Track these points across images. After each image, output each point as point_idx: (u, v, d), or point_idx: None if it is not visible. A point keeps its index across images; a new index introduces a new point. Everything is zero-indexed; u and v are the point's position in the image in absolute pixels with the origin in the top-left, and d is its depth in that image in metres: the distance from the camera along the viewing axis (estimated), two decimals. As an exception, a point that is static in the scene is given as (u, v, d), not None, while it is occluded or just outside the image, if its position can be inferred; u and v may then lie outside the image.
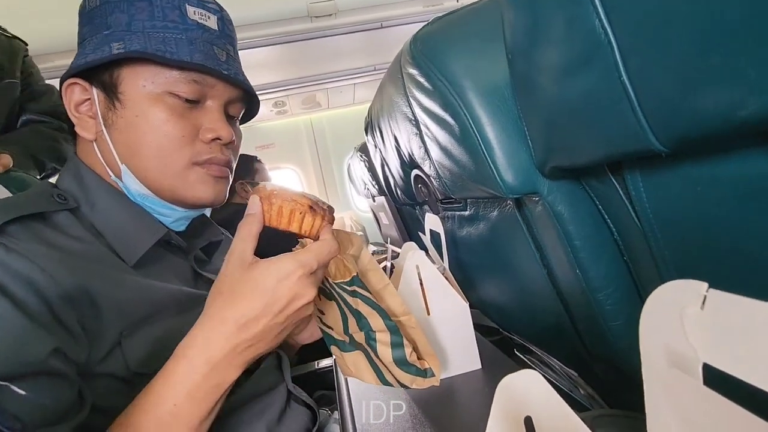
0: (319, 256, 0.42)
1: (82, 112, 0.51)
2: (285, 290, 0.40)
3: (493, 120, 0.46)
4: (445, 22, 0.50)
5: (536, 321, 0.70)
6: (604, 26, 0.29)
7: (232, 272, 0.41)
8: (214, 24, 0.52)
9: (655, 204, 0.37)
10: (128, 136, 0.50)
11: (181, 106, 0.50)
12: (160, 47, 0.47)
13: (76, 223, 0.48)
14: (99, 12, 0.49)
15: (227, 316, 0.40)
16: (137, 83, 0.49)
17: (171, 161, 0.50)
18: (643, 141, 0.30)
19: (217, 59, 0.51)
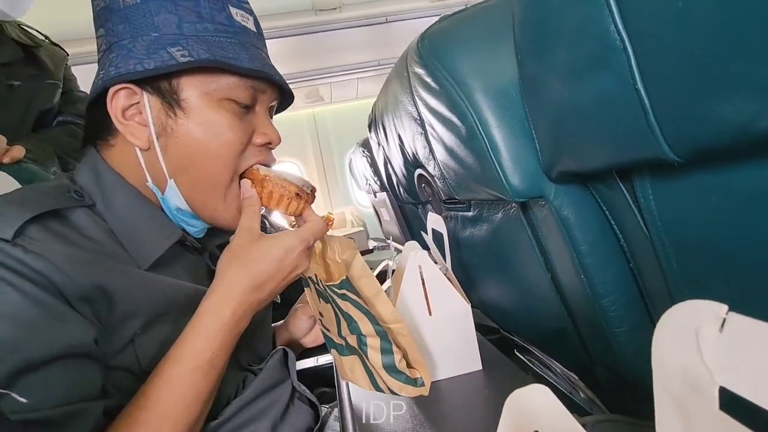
0: (315, 233, 0.51)
1: (129, 118, 0.49)
2: (291, 260, 0.48)
3: (501, 122, 0.45)
4: (453, 21, 0.49)
5: (538, 324, 0.70)
6: (619, 30, 0.28)
7: (243, 243, 0.48)
8: (253, 25, 0.52)
9: (664, 212, 0.36)
10: (187, 144, 0.49)
11: (240, 112, 0.50)
12: (225, 54, 0.47)
13: (92, 220, 0.48)
14: (139, 11, 0.46)
15: (245, 278, 0.46)
16: (200, 90, 0.48)
17: (223, 173, 0.51)
18: (655, 149, 0.29)
19: (268, 64, 0.52)
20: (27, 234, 0.41)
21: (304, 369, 0.97)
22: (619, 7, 0.27)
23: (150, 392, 0.43)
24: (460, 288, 0.73)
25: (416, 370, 0.51)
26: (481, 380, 0.67)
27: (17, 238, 0.40)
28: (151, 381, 0.43)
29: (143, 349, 0.46)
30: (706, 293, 0.37)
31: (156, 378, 0.43)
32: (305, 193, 0.52)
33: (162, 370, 0.44)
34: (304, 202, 0.52)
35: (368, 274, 0.55)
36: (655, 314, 0.46)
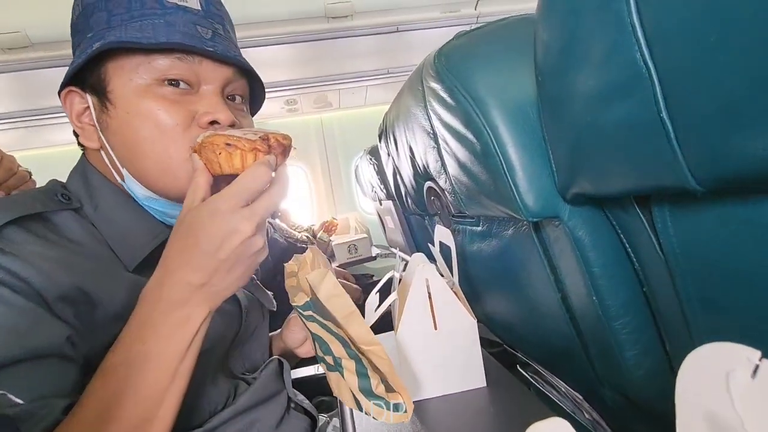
0: (242, 186, 0.40)
1: (84, 122, 0.50)
2: (215, 227, 0.39)
3: (517, 140, 0.45)
4: (471, 38, 0.49)
5: (544, 341, 0.69)
6: (645, 58, 0.28)
7: (179, 218, 0.42)
8: (196, 4, 0.50)
9: (683, 239, 0.36)
10: (123, 136, 0.48)
11: (173, 93, 0.48)
12: (136, 35, 0.45)
13: (78, 222, 0.48)
14: (81, 19, 0.48)
15: (172, 259, 0.41)
16: (124, 78, 0.47)
17: (169, 154, 0.48)
18: (678, 178, 0.29)
19: (200, 38, 0.48)
20: (5, 236, 0.41)
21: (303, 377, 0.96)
22: (645, 35, 0.27)
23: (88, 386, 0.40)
24: (467, 303, 0.72)
25: (397, 394, 0.47)
26: (485, 398, 0.66)
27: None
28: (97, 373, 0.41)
29: None
30: (724, 321, 0.36)
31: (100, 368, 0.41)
32: (244, 141, 0.42)
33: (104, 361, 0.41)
34: (251, 153, 0.42)
35: (340, 293, 0.49)
36: (667, 339, 0.45)
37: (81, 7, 0.49)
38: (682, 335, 0.41)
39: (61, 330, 0.40)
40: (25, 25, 1.45)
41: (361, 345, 0.48)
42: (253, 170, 0.40)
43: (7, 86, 1.75)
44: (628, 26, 0.28)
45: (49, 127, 2.18)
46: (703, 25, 0.24)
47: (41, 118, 2.04)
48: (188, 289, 0.40)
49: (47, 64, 1.59)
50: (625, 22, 0.28)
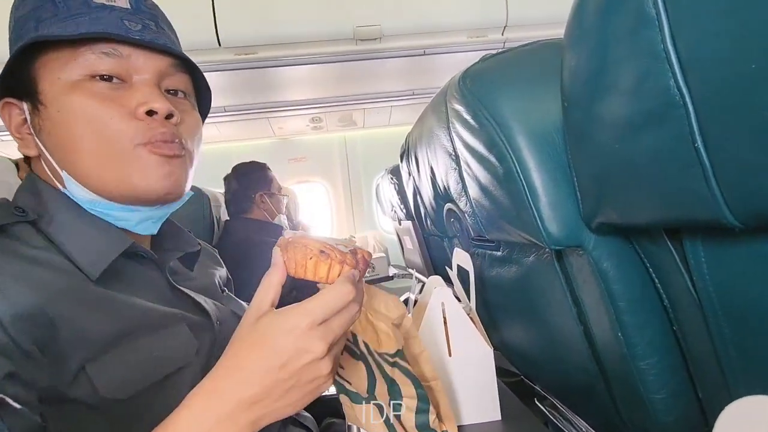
0: (325, 305, 0.37)
1: (23, 132, 0.49)
2: (287, 344, 0.36)
3: (541, 166, 0.43)
4: (496, 62, 0.49)
5: (564, 375, 0.66)
6: (679, 87, 0.26)
7: (245, 322, 0.39)
8: (125, 3, 0.48)
9: (718, 277, 0.34)
10: (57, 136, 0.46)
11: (105, 88, 0.46)
12: (57, 31, 0.44)
13: (36, 236, 0.45)
14: (14, 32, 0.48)
15: (232, 368, 0.37)
16: (51, 77, 0.45)
17: (109, 147, 0.45)
18: (714, 212, 0.27)
19: (126, 28, 0.46)
20: None
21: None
22: (680, 62, 0.26)
23: None
24: (483, 330, 0.70)
25: (443, 424, 0.51)
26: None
27: None
28: None
29: (100, 376, 0.42)
30: (762, 369, 0.34)
31: None
32: (336, 252, 0.41)
33: None
34: (338, 264, 0.41)
35: (416, 334, 0.55)
36: (699, 384, 0.42)
37: (13, 22, 0.48)
38: (716, 381, 0.38)
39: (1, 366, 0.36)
40: None
41: (427, 380, 0.52)
42: (340, 288, 0.38)
43: None
44: (662, 53, 0.27)
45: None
46: (743, 53, 0.23)
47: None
48: (239, 407, 0.36)
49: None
50: (658, 49, 0.27)
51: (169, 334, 0.49)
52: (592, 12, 0.31)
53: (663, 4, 0.26)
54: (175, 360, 0.48)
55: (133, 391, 0.44)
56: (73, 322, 0.41)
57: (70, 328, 0.41)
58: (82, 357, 0.41)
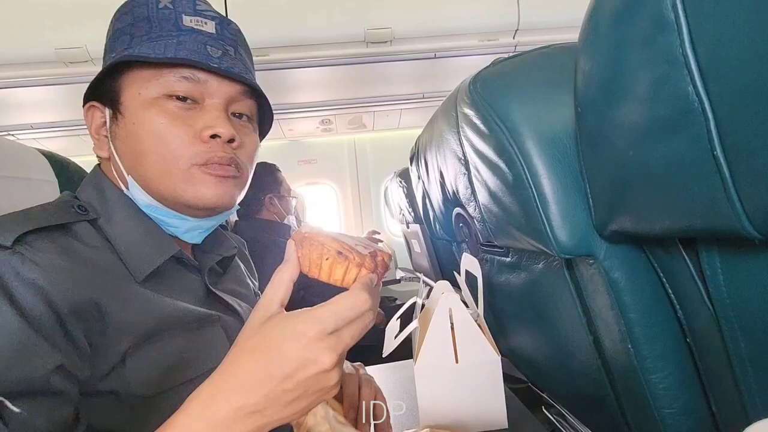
0: (338, 313, 0.34)
1: (101, 134, 0.53)
2: (293, 352, 0.33)
3: (551, 172, 0.43)
4: (507, 66, 0.48)
5: (572, 384, 0.65)
6: (698, 93, 0.26)
7: (251, 324, 0.36)
8: (211, 28, 0.52)
9: (734, 288, 0.32)
10: (129, 145, 0.50)
11: (177, 107, 0.50)
12: (146, 51, 0.48)
13: (94, 234, 0.49)
14: (110, 41, 0.52)
15: (232, 373, 0.35)
16: (133, 91, 0.50)
17: (170, 165, 0.49)
18: (732, 223, 0.26)
19: (207, 55, 0.50)
20: (27, 242, 0.41)
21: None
22: (700, 66, 0.25)
23: None
24: (491, 337, 0.69)
25: None
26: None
27: (16, 246, 0.40)
28: None
29: (133, 370, 0.44)
30: (780, 385, 0.32)
31: None
32: (355, 254, 0.38)
33: None
34: (355, 266, 0.38)
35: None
36: (714, 399, 0.41)
37: (111, 32, 0.53)
38: (732, 397, 0.37)
39: (52, 358, 0.38)
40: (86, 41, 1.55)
41: None
42: (355, 297, 0.35)
43: (66, 97, 1.88)
44: (680, 57, 0.26)
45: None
46: (766, 58, 0.22)
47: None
48: (236, 415, 0.34)
49: (104, 78, 1.70)
50: (677, 54, 0.26)
51: (203, 336, 0.52)
52: (608, 15, 0.30)
53: (682, 8, 0.25)
54: (204, 362, 0.50)
55: (159, 390, 0.46)
56: (118, 316, 0.44)
57: (116, 321, 0.44)
58: (122, 350, 0.44)
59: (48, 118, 2.06)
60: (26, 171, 0.80)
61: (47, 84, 1.72)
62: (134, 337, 0.45)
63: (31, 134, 2.13)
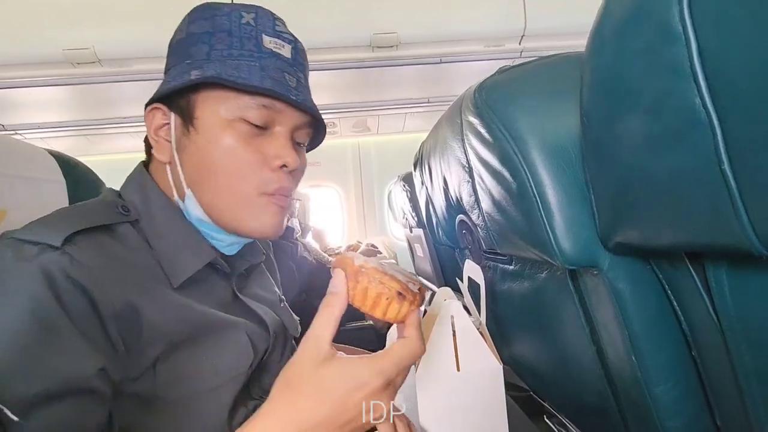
0: (400, 362, 0.36)
1: (160, 136, 0.52)
2: (356, 401, 0.35)
3: (556, 182, 0.42)
4: (513, 74, 0.48)
5: (575, 395, 0.64)
6: (706, 105, 0.25)
7: (303, 363, 0.36)
8: (288, 52, 0.53)
9: (742, 304, 0.32)
10: (199, 161, 0.50)
11: (250, 132, 0.50)
12: (233, 73, 0.48)
13: (135, 236, 0.49)
14: (184, 43, 0.51)
15: (289, 416, 0.35)
16: (211, 109, 0.49)
17: (239, 189, 0.50)
18: (740, 239, 0.26)
19: (287, 86, 0.51)
20: (75, 243, 0.41)
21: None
22: (708, 80, 0.25)
23: None
24: (493, 345, 0.68)
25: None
26: (507, 452, 0.62)
27: (66, 246, 0.40)
28: None
29: (162, 375, 0.45)
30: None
31: None
32: (411, 293, 0.39)
33: None
34: (408, 304, 0.38)
35: None
36: (718, 413, 0.40)
37: (184, 33, 0.51)
38: (736, 411, 0.36)
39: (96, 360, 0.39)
40: (93, 42, 1.57)
41: None
42: (413, 347, 0.37)
43: (74, 97, 1.89)
44: (687, 70, 0.26)
45: (107, 136, 2.33)
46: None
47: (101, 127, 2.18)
48: None
49: (111, 79, 1.71)
50: (684, 66, 0.26)
51: (229, 342, 0.52)
52: (615, 26, 0.30)
53: (690, 20, 0.25)
54: (229, 370, 0.51)
55: (185, 395, 0.47)
56: (154, 322, 0.44)
57: (151, 327, 0.44)
58: (154, 356, 0.44)
59: (55, 117, 2.07)
60: (35, 171, 0.80)
61: (55, 84, 1.73)
62: (167, 344, 0.45)
63: (38, 134, 2.15)
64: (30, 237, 0.40)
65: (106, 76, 1.70)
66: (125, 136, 2.30)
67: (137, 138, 2.37)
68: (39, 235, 0.40)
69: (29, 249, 0.39)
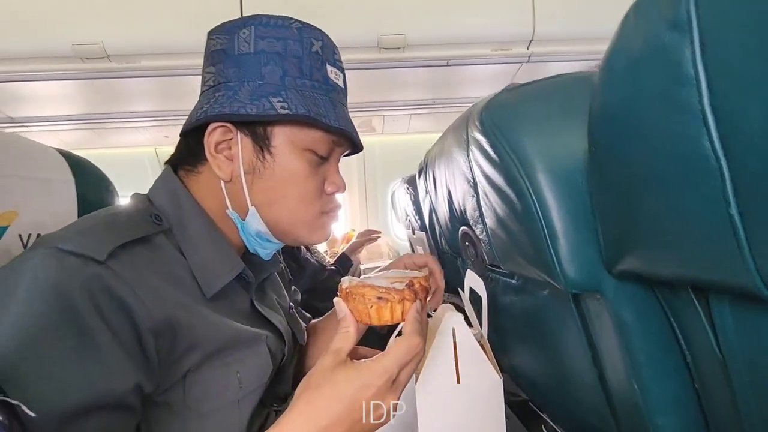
0: (399, 361, 0.40)
1: (219, 152, 0.51)
2: (365, 399, 0.39)
3: (561, 206, 0.42)
4: (521, 94, 0.47)
5: (575, 414, 0.64)
6: (715, 150, 0.25)
7: (324, 368, 0.40)
8: (342, 82, 0.56)
9: (745, 340, 0.32)
10: (270, 185, 0.52)
11: (316, 161, 0.53)
12: (316, 110, 0.50)
13: (169, 246, 0.49)
14: (252, 60, 0.50)
15: (309, 414, 0.39)
16: (287, 138, 0.51)
17: (305, 211, 0.54)
18: (745, 281, 0.26)
19: (350, 123, 0.55)
20: (117, 257, 0.42)
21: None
22: (718, 124, 0.25)
23: None
24: (494, 358, 0.68)
25: None
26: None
27: (109, 261, 0.40)
28: None
29: (192, 386, 0.46)
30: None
31: None
32: (393, 293, 0.42)
33: None
34: (398, 303, 0.42)
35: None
36: (719, 446, 0.40)
37: (252, 48, 0.50)
38: (738, 446, 0.36)
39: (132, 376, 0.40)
40: (102, 38, 1.57)
41: None
42: (408, 342, 0.40)
43: (82, 91, 1.90)
44: (698, 113, 0.25)
45: (113, 130, 2.34)
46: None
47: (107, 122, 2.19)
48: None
49: (120, 75, 1.71)
50: (695, 108, 0.25)
51: (252, 354, 0.53)
52: (627, 61, 0.30)
53: (703, 64, 0.24)
54: (253, 381, 0.53)
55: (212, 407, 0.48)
56: (188, 336, 0.45)
57: (186, 338, 0.45)
58: (185, 369, 0.46)
59: (63, 111, 2.08)
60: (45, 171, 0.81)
61: (63, 79, 1.74)
62: (198, 357, 0.46)
63: (46, 126, 2.16)
64: (74, 248, 0.40)
65: (115, 72, 1.71)
66: (132, 131, 2.30)
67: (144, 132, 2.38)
68: (83, 246, 0.40)
69: (73, 261, 0.39)
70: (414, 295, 0.42)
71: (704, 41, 0.24)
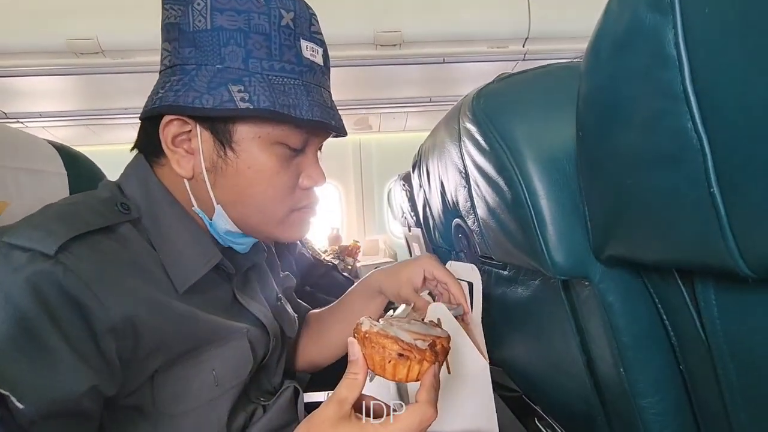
0: (409, 429, 0.36)
1: (178, 145, 0.47)
2: None
3: (550, 194, 0.43)
4: (511, 84, 0.48)
5: (566, 402, 0.65)
6: (697, 130, 0.26)
7: (327, 417, 0.37)
8: (321, 58, 0.49)
9: (728, 322, 0.32)
10: (234, 183, 0.47)
11: (288, 155, 0.48)
12: (285, 101, 0.44)
13: (137, 236, 0.45)
14: (208, 38, 0.43)
15: None
16: (251, 132, 0.46)
17: (274, 210, 0.50)
18: (726, 261, 0.26)
19: (328, 108, 0.49)
20: (71, 250, 0.38)
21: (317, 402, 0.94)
22: (700, 105, 0.25)
23: None
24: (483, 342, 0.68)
25: None
26: (496, 455, 0.62)
27: (60, 254, 0.37)
28: None
29: (161, 386, 0.43)
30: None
31: None
32: (415, 352, 0.38)
33: None
34: (417, 363, 0.38)
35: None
36: (704, 429, 0.41)
37: (208, 23, 0.43)
38: (722, 427, 0.37)
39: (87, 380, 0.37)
40: (96, 33, 1.56)
41: None
42: (422, 414, 0.36)
43: (76, 87, 1.89)
44: (680, 94, 0.26)
45: (108, 126, 2.33)
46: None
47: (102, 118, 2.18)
48: None
49: (114, 70, 1.71)
50: (677, 90, 0.26)
51: (231, 350, 0.50)
52: (610, 45, 0.30)
53: (684, 45, 0.25)
54: (230, 380, 0.50)
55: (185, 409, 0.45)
56: (155, 332, 0.42)
57: (152, 338, 0.42)
58: (152, 368, 0.43)
59: (57, 107, 2.07)
60: (38, 163, 0.80)
61: (57, 74, 1.73)
62: (167, 357, 0.43)
63: (39, 122, 2.15)
64: (21, 242, 0.37)
65: (109, 67, 1.70)
66: (126, 127, 2.30)
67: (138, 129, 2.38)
68: (31, 240, 0.37)
69: (19, 256, 0.36)
70: (434, 357, 0.39)
71: (686, 23, 0.25)
